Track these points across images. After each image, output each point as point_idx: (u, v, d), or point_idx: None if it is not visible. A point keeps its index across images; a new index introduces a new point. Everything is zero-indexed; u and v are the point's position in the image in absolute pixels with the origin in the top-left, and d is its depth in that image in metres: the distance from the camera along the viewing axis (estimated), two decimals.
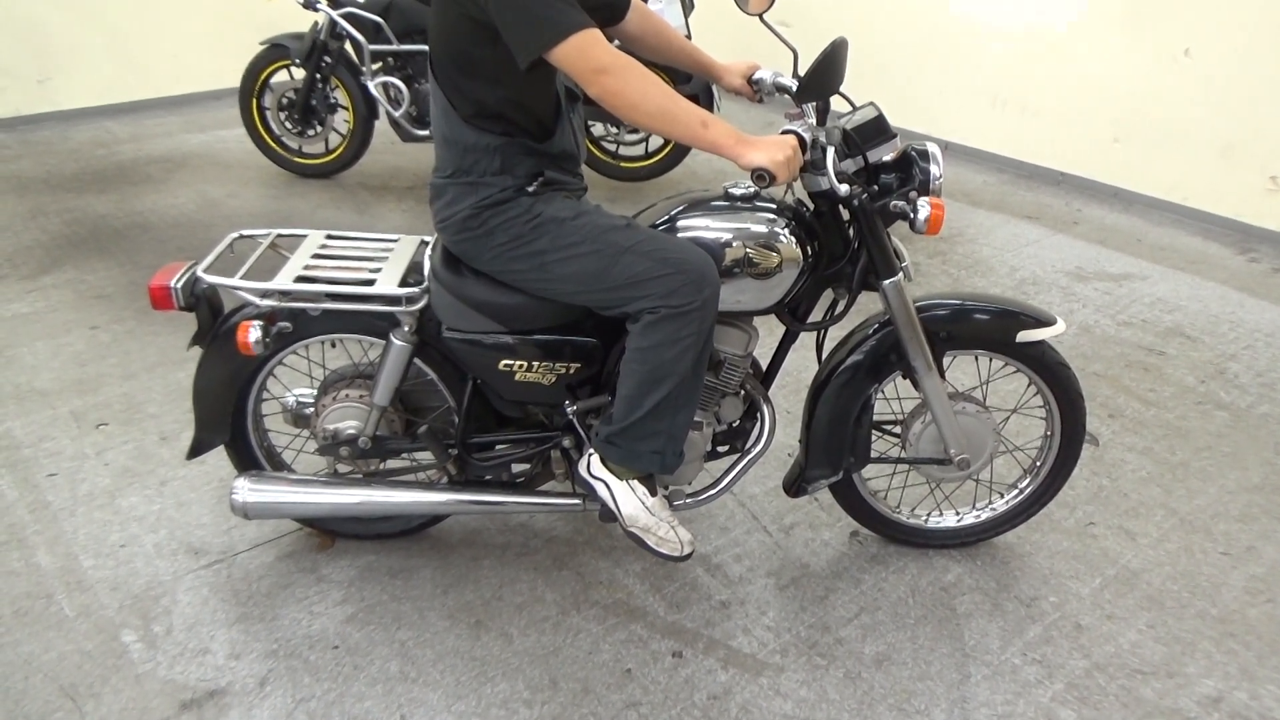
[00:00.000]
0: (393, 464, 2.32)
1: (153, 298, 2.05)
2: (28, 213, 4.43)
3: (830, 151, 1.81)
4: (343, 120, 4.87)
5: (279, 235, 2.26)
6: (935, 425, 2.23)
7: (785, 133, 1.80)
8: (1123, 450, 2.89)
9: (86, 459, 2.73)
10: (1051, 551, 2.46)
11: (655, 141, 4.86)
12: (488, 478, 2.25)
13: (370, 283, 2.04)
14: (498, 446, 2.23)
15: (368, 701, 1.98)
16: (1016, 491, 2.41)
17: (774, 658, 2.12)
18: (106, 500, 2.56)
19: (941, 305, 2.17)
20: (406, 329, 2.07)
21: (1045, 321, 2.15)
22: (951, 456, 2.25)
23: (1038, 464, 2.38)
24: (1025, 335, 2.14)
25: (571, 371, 2.06)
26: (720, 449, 2.30)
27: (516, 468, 2.29)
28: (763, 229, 1.98)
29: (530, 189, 1.92)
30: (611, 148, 4.89)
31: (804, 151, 1.80)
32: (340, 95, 4.79)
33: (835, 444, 2.25)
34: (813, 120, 1.86)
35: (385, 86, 4.57)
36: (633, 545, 2.12)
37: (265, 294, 2.03)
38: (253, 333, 2.02)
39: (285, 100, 4.82)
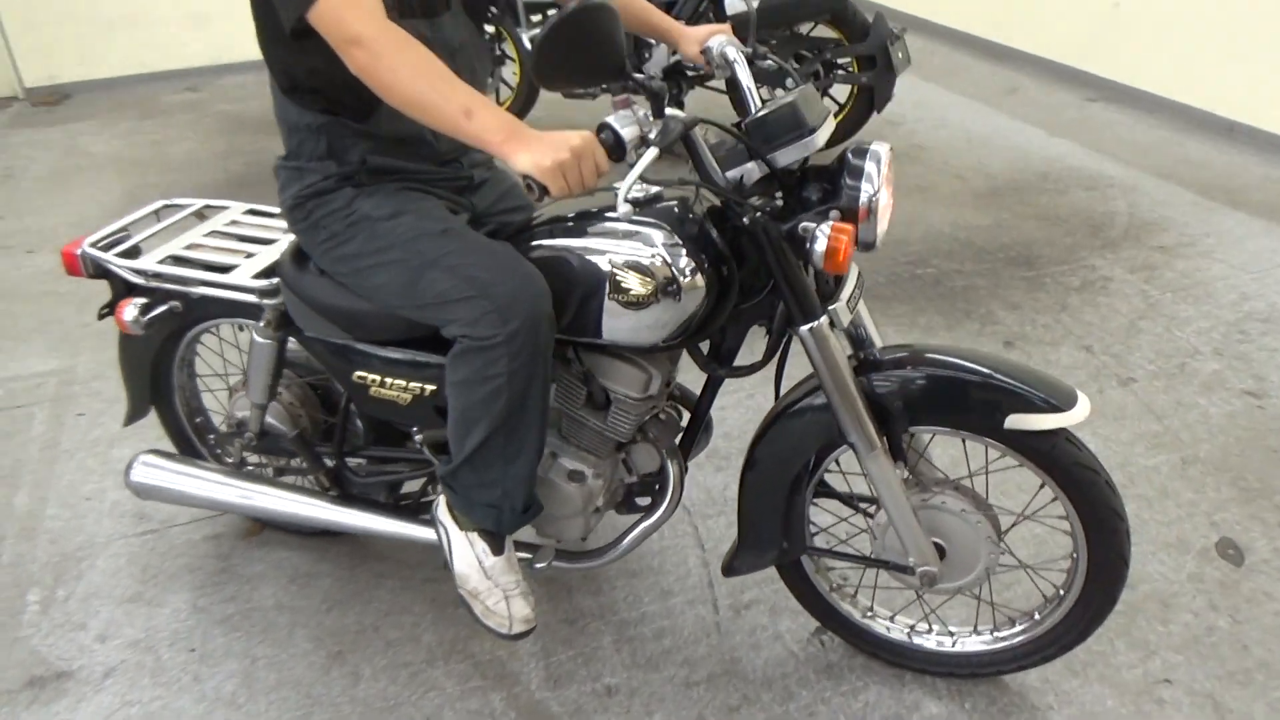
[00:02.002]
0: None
1: (65, 263, 1.99)
2: (222, 152, 4.77)
3: (647, 154, 1.32)
4: (511, 73, 4.75)
5: (206, 206, 2.13)
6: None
7: (603, 127, 1.34)
8: (1276, 578, 2.06)
9: (116, 403, 2.81)
10: (1085, 710, 1.79)
11: None
12: (370, 495, 2.01)
13: (229, 269, 1.84)
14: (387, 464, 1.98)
15: None
16: (1032, 623, 1.77)
17: None
18: (104, 449, 2.62)
19: (899, 362, 1.59)
20: (263, 324, 1.85)
21: (1053, 405, 1.50)
22: (912, 565, 1.68)
23: (1061, 593, 1.72)
24: (1017, 421, 1.51)
25: (427, 394, 1.74)
26: (640, 501, 1.89)
27: (409, 487, 2.03)
28: (636, 248, 1.53)
29: (355, 179, 1.61)
30: None
31: (620, 152, 1.33)
32: (509, 47, 4.66)
33: (766, 521, 1.76)
34: (645, 111, 1.37)
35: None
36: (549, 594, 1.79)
37: (136, 272, 1.90)
38: (129, 311, 1.91)
39: None
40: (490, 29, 4.60)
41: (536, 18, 4.39)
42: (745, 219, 1.46)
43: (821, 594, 1.86)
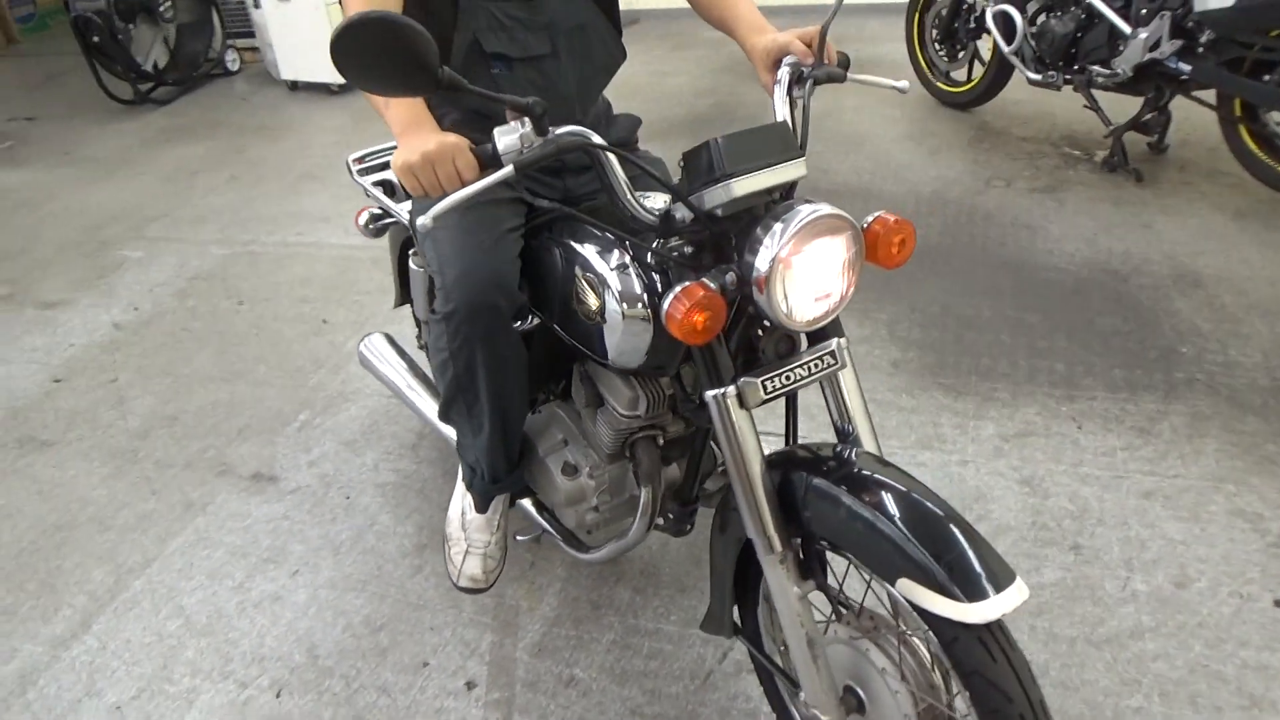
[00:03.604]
0: None
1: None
2: (705, 90, 5.16)
3: (496, 173, 1.23)
4: (986, 47, 4.33)
5: None
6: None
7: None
8: None
9: None
10: None
11: None
12: None
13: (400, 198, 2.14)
14: None
15: (298, 546, 2.29)
16: None
17: None
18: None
19: (843, 473, 1.32)
20: (414, 251, 2.13)
21: (952, 589, 1.14)
22: (803, 701, 1.42)
23: None
24: (907, 588, 1.19)
25: None
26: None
27: None
28: (601, 263, 1.48)
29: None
30: None
31: (496, 162, 1.28)
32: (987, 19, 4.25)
33: (716, 585, 1.61)
34: (526, 129, 1.26)
35: (1000, 16, 3.92)
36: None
37: (364, 187, 2.30)
38: (362, 216, 2.33)
39: (937, 18, 4.48)
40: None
41: None
42: (649, 256, 1.32)
43: (783, 696, 1.65)
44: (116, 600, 2.18)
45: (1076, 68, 3.75)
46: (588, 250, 1.50)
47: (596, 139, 1.29)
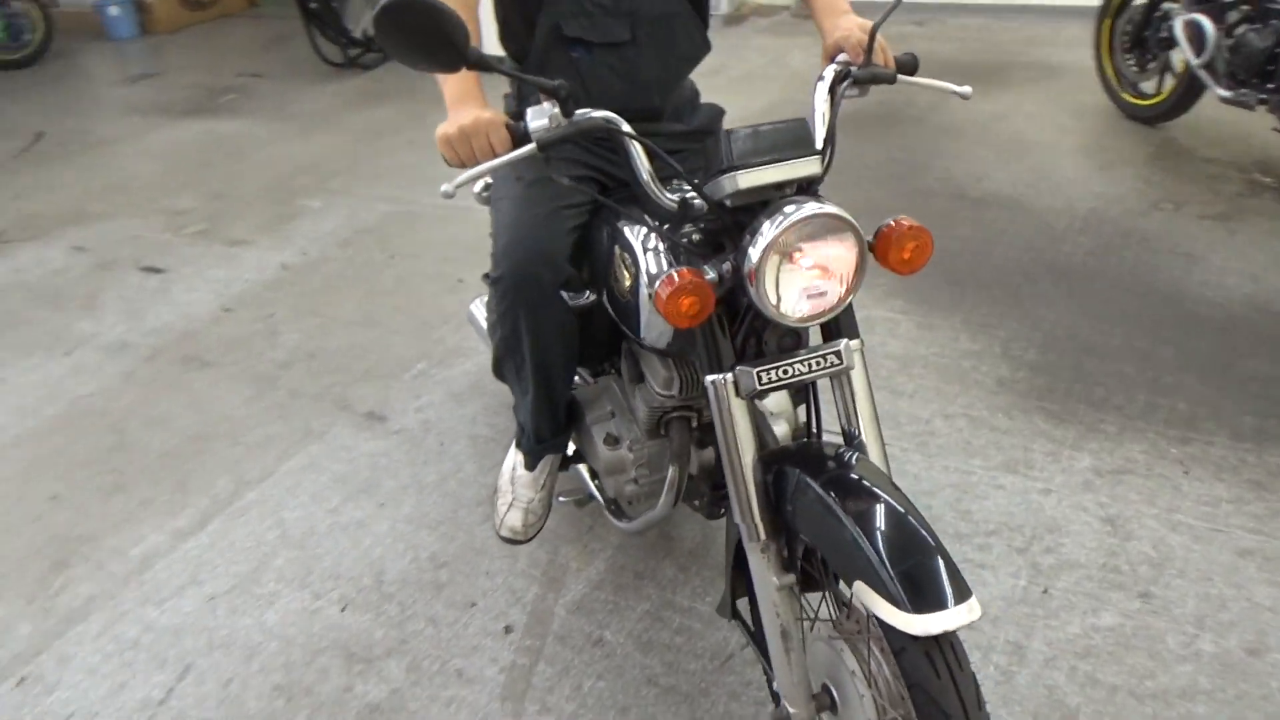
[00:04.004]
0: None
1: None
2: None
3: (519, 150, 1.31)
4: (1178, 59, 4.02)
5: None
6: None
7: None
8: None
9: None
10: None
11: None
12: None
13: None
14: None
15: (390, 481, 2.49)
16: None
17: (545, 696, 1.85)
18: None
19: (831, 473, 1.33)
20: None
21: (901, 597, 1.15)
22: (774, 692, 1.44)
23: None
24: (861, 591, 1.20)
25: None
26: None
27: None
28: (631, 239, 1.55)
29: None
30: None
31: (526, 140, 1.35)
32: (1177, 27, 3.94)
33: (727, 567, 1.65)
34: (556, 109, 1.32)
35: (1190, 25, 3.63)
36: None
37: None
38: (476, 184, 2.48)
39: (1129, 25, 4.20)
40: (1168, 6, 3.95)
41: None
42: (663, 241, 1.37)
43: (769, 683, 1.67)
44: (232, 506, 2.45)
45: (1273, 86, 3.44)
46: (627, 231, 1.58)
47: (625, 125, 1.35)
